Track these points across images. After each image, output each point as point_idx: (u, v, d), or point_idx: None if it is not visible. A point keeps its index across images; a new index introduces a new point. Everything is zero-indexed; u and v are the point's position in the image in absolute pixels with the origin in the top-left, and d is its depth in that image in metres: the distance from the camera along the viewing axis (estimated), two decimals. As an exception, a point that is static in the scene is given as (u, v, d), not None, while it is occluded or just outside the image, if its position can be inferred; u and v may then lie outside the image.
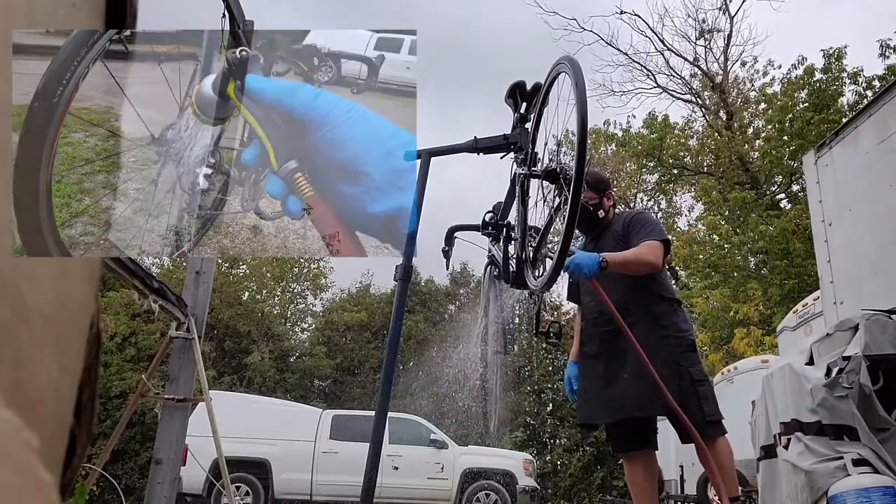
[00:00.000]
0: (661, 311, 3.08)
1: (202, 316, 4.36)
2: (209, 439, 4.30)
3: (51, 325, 0.31)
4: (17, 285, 0.28)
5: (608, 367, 3.09)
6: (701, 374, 3.00)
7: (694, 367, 2.99)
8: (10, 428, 0.27)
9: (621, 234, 3.19)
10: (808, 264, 12.21)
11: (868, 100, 6.61)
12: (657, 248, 3.05)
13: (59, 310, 0.32)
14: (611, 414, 3.11)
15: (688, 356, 3.02)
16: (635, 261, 3.01)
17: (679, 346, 3.02)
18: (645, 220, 3.22)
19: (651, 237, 3.07)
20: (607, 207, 3.35)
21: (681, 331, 3.06)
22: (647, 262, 3.01)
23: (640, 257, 3.00)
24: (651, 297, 3.09)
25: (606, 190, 3.38)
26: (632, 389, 2.97)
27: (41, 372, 0.30)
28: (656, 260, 3.02)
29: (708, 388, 3.00)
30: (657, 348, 2.97)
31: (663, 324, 3.05)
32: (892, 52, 14.27)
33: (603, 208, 3.32)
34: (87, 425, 0.37)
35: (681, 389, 2.91)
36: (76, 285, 0.34)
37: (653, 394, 2.88)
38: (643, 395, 2.93)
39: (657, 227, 3.21)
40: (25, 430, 0.28)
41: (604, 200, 3.33)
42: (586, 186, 3.27)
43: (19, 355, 0.28)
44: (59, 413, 0.33)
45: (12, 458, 0.27)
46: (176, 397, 4.16)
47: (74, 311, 0.34)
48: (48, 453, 0.31)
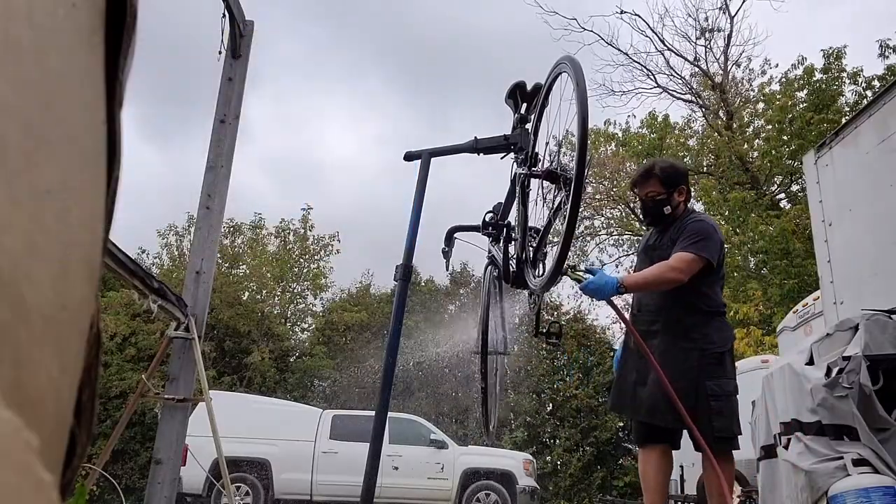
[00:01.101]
0: (691, 323, 3.02)
1: (202, 316, 4.36)
2: (209, 439, 4.30)
3: (51, 325, 0.31)
4: (17, 285, 0.28)
5: (640, 367, 3.10)
6: (719, 389, 2.93)
7: (713, 381, 2.93)
8: (10, 428, 0.27)
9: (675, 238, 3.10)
10: (807, 264, 12.21)
11: (868, 100, 6.61)
12: (688, 261, 2.96)
13: (59, 310, 0.32)
14: (631, 412, 3.22)
15: (711, 369, 2.95)
16: (654, 280, 2.98)
17: (703, 359, 2.96)
18: (695, 231, 3.07)
19: (689, 250, 2.98)
20: (676, 203, 3.19)
21: (710, 342, 2.99)
22: (667, 280, 2.96)
23: (661, 276, 2.96)
24: (685, 307, 3.03)
25: (679, 185, 3.21)
26: (649, 395, 3.02)
27: (41, 372, 0.30)
28: (681, 275, 2.94)
29: (724, 404, 2.93)
30: (678, 360, 2.96)
31: (692, 336, 3.00)
32: (892, 52, 14.27)
33: (670, 204, 3.17)
34: (87, 425, 0.37)
35: (695, 403, 2.90)
36: (76, 285, 0.34)
37: (664, 404, 2.92)
38: (655, 404, 2.98)
39: (703, 240, 3.03)
40: (25, 430, 0.28)
41: (673, 196, 3.18)
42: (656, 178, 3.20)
43: (19, 355, 0.28)
44: (59, 413, 0.33)
45: (12, 458, 0.27)
46: (176, 397, 4.16)
47: (74, 311, 0.34)
48: (48, 453, 0.30)
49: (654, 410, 3.00)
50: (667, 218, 3.19)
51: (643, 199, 3.28)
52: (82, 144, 0.35)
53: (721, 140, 16.18)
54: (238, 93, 4.74)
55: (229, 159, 4.63)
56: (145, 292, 3.57)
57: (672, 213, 3.18)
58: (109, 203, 0.39)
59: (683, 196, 3.23)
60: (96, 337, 0.37)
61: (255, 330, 20.10)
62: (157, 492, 3.99)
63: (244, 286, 21.50)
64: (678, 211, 3.20)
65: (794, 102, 15.02)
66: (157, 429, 4.27)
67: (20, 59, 0.30)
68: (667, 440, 3.12)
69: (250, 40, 4.82)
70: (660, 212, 3.19)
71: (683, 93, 18.54)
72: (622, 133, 18.62)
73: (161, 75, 22.77)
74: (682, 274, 2.94)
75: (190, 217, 20.27)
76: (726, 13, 17.72)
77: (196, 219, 4.71)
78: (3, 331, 0.27)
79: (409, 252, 2.87)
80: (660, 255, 3.10)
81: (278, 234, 22.94)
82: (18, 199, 0.29)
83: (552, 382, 19.27)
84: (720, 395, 2.93)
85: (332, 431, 10.98)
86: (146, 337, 17.57)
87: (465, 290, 23.61)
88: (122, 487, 11.00)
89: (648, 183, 3.22)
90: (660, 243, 3.19)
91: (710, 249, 3.03)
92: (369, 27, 36.04)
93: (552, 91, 2.63)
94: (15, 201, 0.29)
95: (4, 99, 0.29)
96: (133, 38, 0.40)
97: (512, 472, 11.03)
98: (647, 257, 3.23)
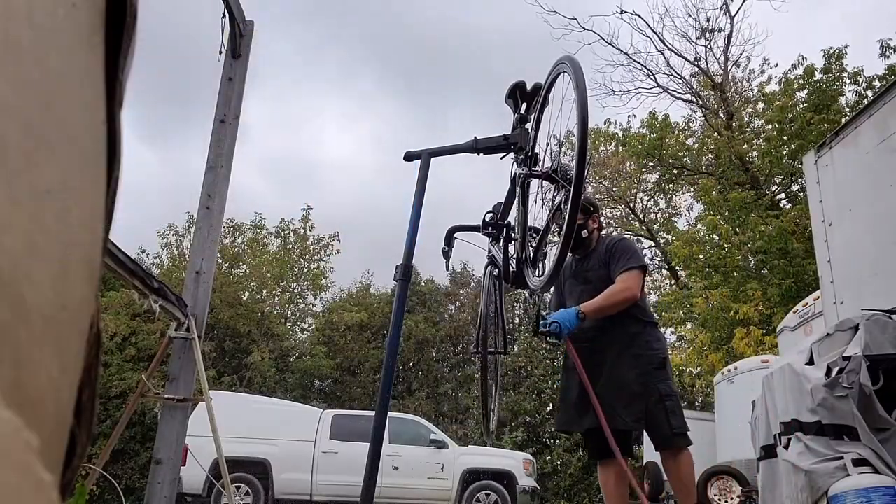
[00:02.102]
0: (635, 332, 3.27)
1: (202, 316, 4.36)
2: (209, 439, 4.30)
3: (51, 325, 0.31)
4: (17, 285, 0.28)
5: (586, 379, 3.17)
6: (669, 390, 3.22)
7: (663, 384, 3.20)
8: (10, 428, 0.27)
9: (605, 260, 3.37)
10: (807, 264, 12.21)
11: (868, 100, 6.61)
12: (634, 277, 3.26)
13: (59, 310, 0.32)
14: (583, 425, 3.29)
15: (658, 373, 3.21)
16: (609, 304, 3.21)
17: (650, 364, 3.21)
18: (624, 249, 3.38)
19: (629, 266, 3.27)
20: (591, 229, 3.49)
21: (652, 349, 3.27)
22: (622, 300, 3.21)
23: (614, 297, 3.20)
24: (628, 319, 3.27)
25: (593, 213, 3.54)
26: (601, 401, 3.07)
27: (41, 372, 0.30)
28: (631, 292, 3.22)
29: (675, 403, 3.21)
30: (630, 366, 3.19)
31: (637, 343, 3.25)
32: (893, 52, 14.27)
33: (586, 228, 3.45)
34: (87, 425, 0.37)
35: (650, 404, 3.14)
36: (76, 285, 0.34)
37: (620, 406, 3.10)
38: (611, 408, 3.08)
39: (636, 254, 3.39)
40: (25, 430, 0.28)
41: (588, 222, 3.48)
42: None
43: (19, 355, 0.28)
44: (59, 413, 0.33)
45: (12, 458, 0.27)
46: (176, 397, 4.16)
47: (74, 311, 0.34)
48: (48, 453, 0.30)
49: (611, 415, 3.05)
50: (584, 241, 3.45)
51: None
52: (82, 144, 0.35)
53: (721, 140, 16.17)
54: (238, 93, 4.74)
55: (229, 159, 4.63)
56: (145, 292, 3.57)
57: (588, 237, 3.45)
58: (109, 203, 0.39)
59: (596, 223, 3.54)
60: (96, 337, 0.37)
61: (255, 330, 20.10)
62: (157, 492, 3.99)
63: (244, 286, 21.51)
64: (593, 236, 3.49)
65: (794, 102, 15.01)
66: (157, 429, 4.27)
67: (20, 59, 0.30)
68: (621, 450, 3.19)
69: (250, 40, 4.81)
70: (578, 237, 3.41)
71: (683, 93, 18.56)
72: (622, 133, 18.60)
73: (161, 75, 22.76)
74: (634, 289, 3.23)
75: (190, 217, 20.29)
76: (726, 13, 17.74)
77: (196, 219, 4.71)
78: (3, 331, 0.27)
79: (409, 252, 2.87)
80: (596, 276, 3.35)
81: (278, 234, 22.95)
82: (18, 199, 0.29)
83: (552, 382, 19.27)
84: (671, 394, 3.21)
85: (332, 431, 10.98)
86: (146, 337, 17.58)
87: (465, 290, 23.63)
88: (122, 487, 11.01)
89: None
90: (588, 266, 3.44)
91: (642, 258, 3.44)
92: (369, 27, 36.05)
93: (552, 91, 2.63)
94: (15, 201, 0.29)
95: (4, 99, 0.29)
96: (133, 38, 0.40)
97: (512, 472, 11.03)
98: (579, 281, 3.45)
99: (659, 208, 21.25)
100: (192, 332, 4.19)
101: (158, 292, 3.68)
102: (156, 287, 3.65)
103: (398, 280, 2.89)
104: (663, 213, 21.11)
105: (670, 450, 3.18)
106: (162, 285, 3.75)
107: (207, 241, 4.48)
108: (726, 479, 7.97)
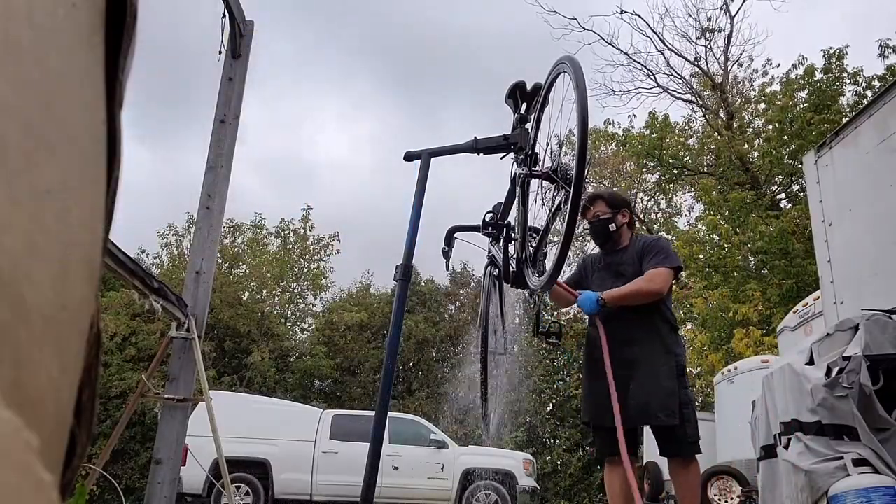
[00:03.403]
0: (665, 334, 3.25)
1: (202, 316, 4.36)
2: (209, 439, 4.30)
3: (51, 325, 0.31)
4: (17, 285, 0.28)
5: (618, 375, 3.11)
6: (688, 398, 3.22)
7: (683, 391, 3.19)
8: (10, 428, 0.27)
9: (639, 257, 3.33)
10: (807, 264, 12.20)
11: (868, 100, 6.61)
12: (663, 275, 3.21)
13: (59, 310, 0.32)
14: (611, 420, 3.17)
15: (681, 380, 3.21)
16: (632, 293, 3.18)
17: (676, 369, 3.20)
18: (659, 248, 3.34)
19: (661, 265, 3.23)
20: (620, 224, 3.43)
21: (678, 354, 3.26)
22: (647, 292, 3.17)
23: (639, 290, 3.17)
24: (660, 321, 3.25)
25: (622, 208, 3.49)
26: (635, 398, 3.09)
27: (41, 372, 0.30)
28: (657, 286, 3.18)
29: (692, 413, 3.21)
30: (661, 365, 3.16)
31: (667, 345, 3.22)
32: (892, 52, 14.26)
33: (615, 223, 3.40)
34: (87, 425, 0.37)
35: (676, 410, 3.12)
36: (76, 285, 0.34)
37: (655, 403, 3.08)
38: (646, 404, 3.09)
39: (670, 254, 3.33)
40: (25, 430, 0.28)
41: (617, 217, 3.43)
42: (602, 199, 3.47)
43: (19, 355, 0.28)
44: (59, 413, 0.33)
45: (12, 458, 0.27)
46: (176, 397, 4.16)
47: (74, 311, 0.34)
48: (48, 453, 0.30)
49: (644, 411, 3.07)
50: (612, 236, 3.41)
51: (591, 222, 3.51)
52: (82, 144, 0.35)
53: (721, 140, 16.17)
54: (238, 93, 4.74)
55: (229, 159, 4.63)
56: (145, 292, 3.57)
57: (618, 231, 3.42)
58: (109, 203, 0.39)
59: (627, 218, 3.47)
60: (96, 337, 0.37)
61: (255, 330, 20.10)
62: (157, 492, 3.99)
63: (244, 286, 21.50)
64: (622, 231, 3.44)
65: (794, 102, 15.00)
66: (157, 429, 4.27)
67: (20, 59, 0.30)
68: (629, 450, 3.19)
69: (250, 40, 4.81)
70: (606, 230, 3.41)
71: (684, 93, 18.56)
72: (622, 133, 18.60)
73: (161, 75, 22.76)
74: (662, 285, 3.19)
75: (190, 217, 20.29)
76: (726, 13, 17.73)
77: (196, 219, 4.71)
78: (3, 331, 0.27)
79: (409, 252, 2.87)
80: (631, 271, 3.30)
81: (278, 234, 22.94)
82: (18, 199, 0.29)
83: (552, 382, 19.28)
84: (689, 403, 3.20)
85: (332, 431, 10.98)
86: (146, 337, 17.58)
87: (465, 290, 23.62)
88: (122, 487, 11.01)
89: (595, 204, 3.47)
90: (622, 259, 3.39)
91: (677, 260, 3.38)
92: (369, 27, 36.04)
93: (552, 91, 2.62)
94: (15, 201, 0.29)
95: (4, 99, 0.29)
96: (133, 38, 0.40)
97: (512, 472, 11.02)
98: (611, 274, 3.41)
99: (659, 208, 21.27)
100: (192, 332, 4.19)
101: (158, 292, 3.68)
102: (156, 287, 3.65)
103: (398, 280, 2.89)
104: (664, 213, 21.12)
105: (682, 458, 3.17)
106: (162, 285, 3.75)
107: (207, 241, 4.48)
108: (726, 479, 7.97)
